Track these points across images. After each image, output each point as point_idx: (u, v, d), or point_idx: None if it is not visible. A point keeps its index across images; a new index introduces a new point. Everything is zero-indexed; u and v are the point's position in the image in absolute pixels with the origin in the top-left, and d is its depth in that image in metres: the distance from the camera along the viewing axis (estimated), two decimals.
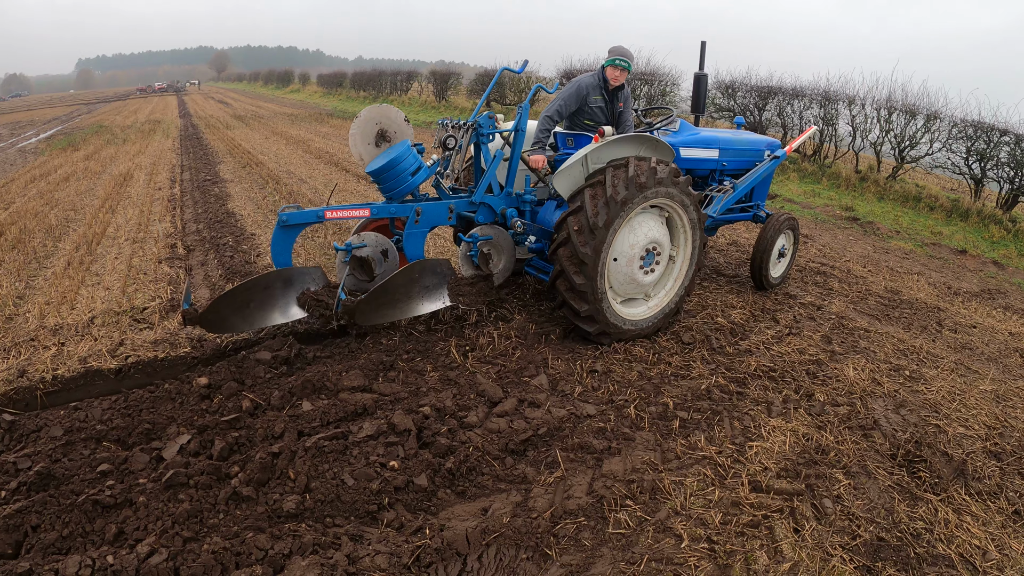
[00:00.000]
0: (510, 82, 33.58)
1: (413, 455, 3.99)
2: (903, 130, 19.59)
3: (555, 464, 4.11)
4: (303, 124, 29.33)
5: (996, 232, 17.00)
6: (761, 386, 5.67)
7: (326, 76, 62.59)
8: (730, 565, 3.43)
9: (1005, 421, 5.93)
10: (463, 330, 5.87)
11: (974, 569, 3.83)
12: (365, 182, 13.63)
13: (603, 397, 5.06)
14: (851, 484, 4.40)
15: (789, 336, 7.03)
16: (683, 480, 4.09)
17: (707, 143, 7.82)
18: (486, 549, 3.31)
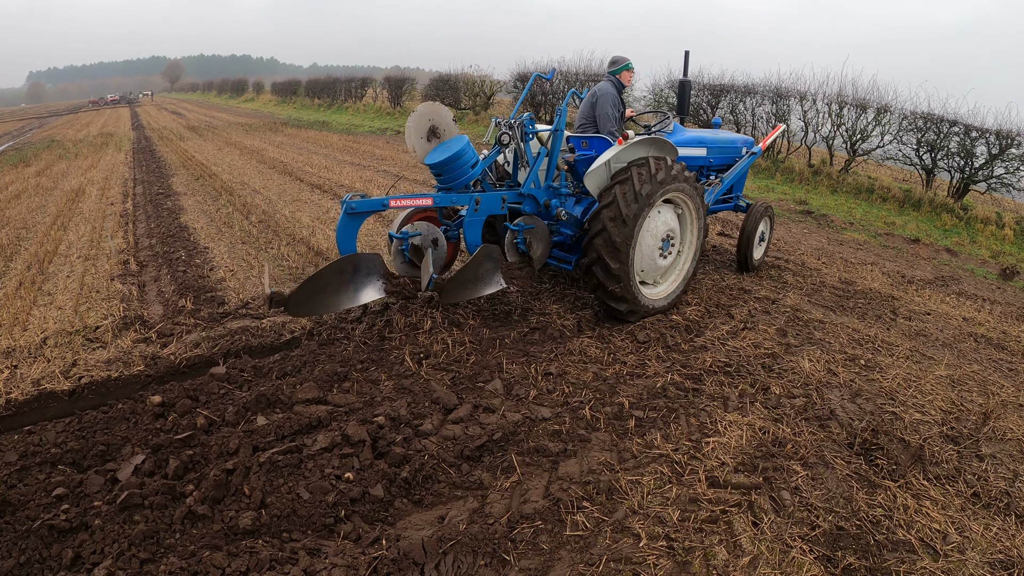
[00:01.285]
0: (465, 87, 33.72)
1: (368, 466, 3.96)
2: (854, 124, 20.04)
3: (511, 469, 4.10)
4: (257, 134, 29.15)
5: (948, 220, 17.30)
6: (717, 382, 5.69)
7: (280, 84, 62.21)
8: (689, 562, 3.43)
9: (961, 405, 6.02)
10: (417, 337, 5.83)
11: (935, 553, 3.88)
12: (320, 191, 13.58)
13: (558, 399, 5.05)
14: (809, 475, 4.43)
15: (744, 331, 7.06)
16: (640, 479, 4.09)
17: (697, 143, 8.60)
18: (443, 558, 3.28)
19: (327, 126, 35.39)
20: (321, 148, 22.74)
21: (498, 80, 33.23)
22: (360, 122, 36.56)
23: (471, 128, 30.99)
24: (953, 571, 3.74)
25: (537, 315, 6.72)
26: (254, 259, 8.45)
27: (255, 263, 8.27)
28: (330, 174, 15.78)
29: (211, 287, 7.39)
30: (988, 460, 5.09)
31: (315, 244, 8.91)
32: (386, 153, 21.58)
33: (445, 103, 34.43)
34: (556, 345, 6.05)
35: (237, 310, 6.67)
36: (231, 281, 7.53)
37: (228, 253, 8.74)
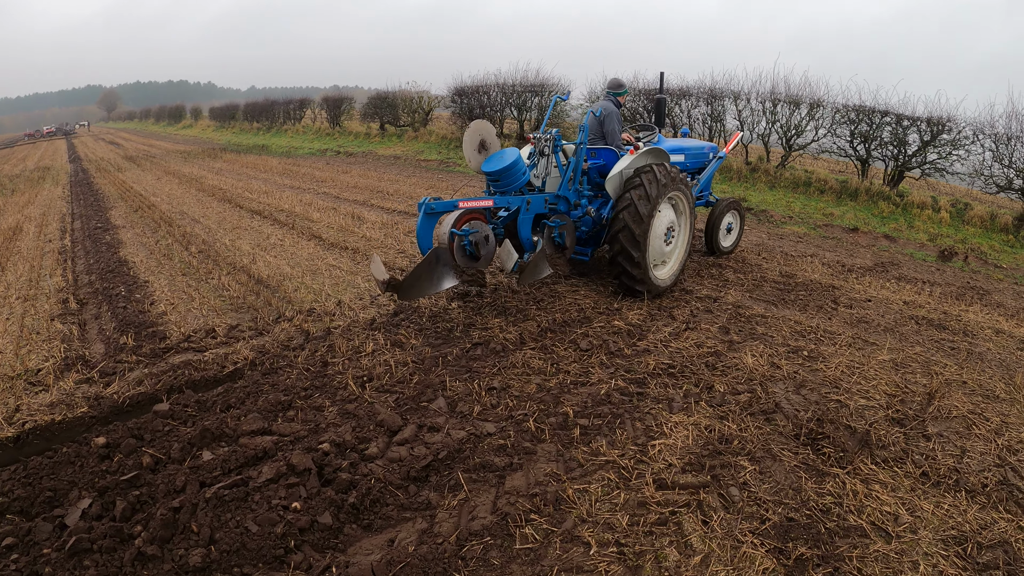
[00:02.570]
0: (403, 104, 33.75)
1: (316, 494, 3.93)
2: (788, 120, 20.35)
3: (458, 487, 4.07)
4: (196, 161, 28.87)
5: (885, 208, 17.59)
6: (661, 384, 5.73)
7: (218, 109, 61.56)
8: (641, 565, 3.45)
9: (905, 387, 6.15)
10: (360, 360, 5.81)
11: (887, 535, 3.93)
12: (260, 217, 13.47)
13: (502, 414, 5.04)
14: (757, 469, 4.48)
15: (686, 331, 7.12)
16: (587, 487, 4.09)
17: (677, 150, 10.11)
18: None
19: (267, 150, 35.20)
20: (261, 173, 22.60)
21: (436, 96, 33.25)
22: (300, 144, 36.38)
23: (411, 144, 30.99)
24: (907, 551, 3.79)
25: (479, 330, 6.71)
26: (195, 291, 8.36)
27: (196, 295, 8.18)
28: (270, 199, 15.67)
29: (152, 322, 7.31)
30: (935, 439, 5.21)
31: (256, 272, 8.84)
32: (325, 175, 21.53)
33: (383, 121, 34.39)
34: (499, 359, 6.04)
35: (179, 344, 6.58)
36: (172, 315, 7.44)
37: (168, 286, 8.64)
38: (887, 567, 3.65)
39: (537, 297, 8.02)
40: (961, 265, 13.92)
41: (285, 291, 7.84)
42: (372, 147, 32.31)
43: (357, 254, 9.81)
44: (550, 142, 8.19)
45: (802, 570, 3.54)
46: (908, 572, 3.62)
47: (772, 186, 18.48)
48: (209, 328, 6.74)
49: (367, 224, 12.30)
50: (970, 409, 5.85)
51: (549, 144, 8.21)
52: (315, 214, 13.16)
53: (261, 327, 6.73)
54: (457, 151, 27.99)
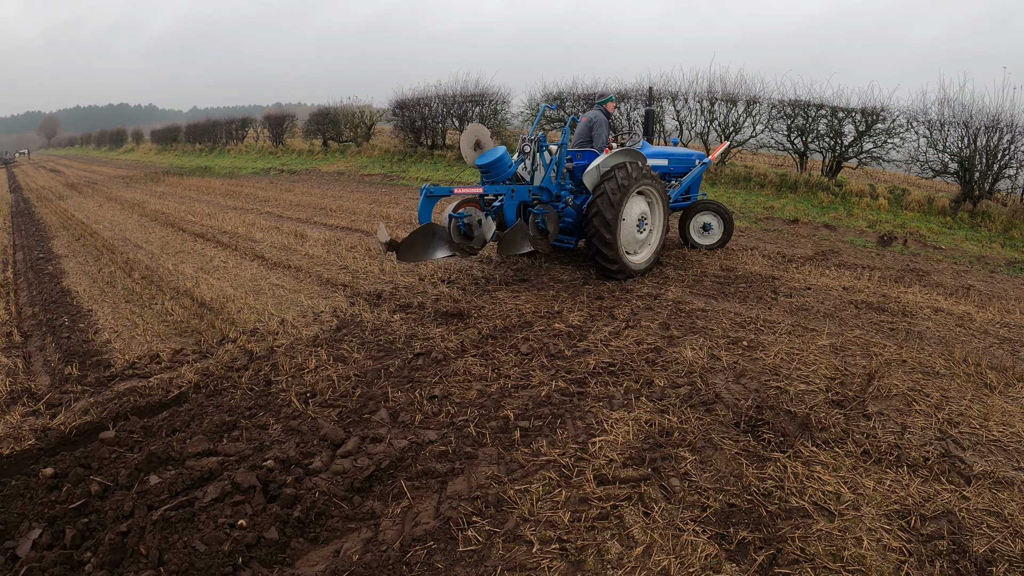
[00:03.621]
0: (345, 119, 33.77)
1: (261, 510, 3.94)
2: (726, 117, 20.67)
3: (401, 495, 4.10)
4: (138, 186, 28.57)
5: (825, 198, 17.92)
6: (601, 382, 5.77)
7: (160, 132, 60.86)
8: (583, 560, 3.49)
9: (845, 370, 6.29)
10: (303, 377, 5.81)
11: (830, 514, 3.99)
12: (203, 240, 13.36)
13: (444, 421, 5.06)
14: (697, 459, 4.53)
15: (627, 329, 7.20)
16: (529, 487, 4.13)
17: (661, 155, 11.42)
18: None
19: (209, 171, 34.91)
20: (203, 195, 22.41)
21: (378, 109, 33.26)
22: (243, 164, 36.18)
23: (354, 160, 30.94)
24: (850, 528, 3.85)
25: (421, 340, 6.74)
26: (138, 317, 8.29)
27: (139, 321, 8.12)
28: (213, 221, 15.56)
29: (96, 351, 7.25)
30: (875, 418, 5.31)
31: (199, 295, 8.78)
32: (269, 195, 21.43)
33: (326, 137, 34.31)
34: (440, 368, 6.05)
35: (123, 371, 6.53)
36: (116, 343, 7.38)
37: (112, 314, 8.56)
38: (830, 545, 3.71)
39: (478, 304, 8.07)
40: (901, 249, 14.18)
41: (228, 313, 7.81)
42: (315, 164, 32.26)
43: (300, 272, 9.80)
44: (535, 143, 9.82)
45: (744, 554, 3.59)
46: (852, 548, 3.68)
47: (713, 183, 18.77)
48: (153, 354, 6.70)
49: (310, 242, 12.31)
50: (910, 386, 5.97)
51: (535, 145, 9.84)
52: (258, 234, 13.12)
53: (205, 350, 6.70)
54: (400, 164, 28.09)
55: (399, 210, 17.12)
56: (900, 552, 3.69)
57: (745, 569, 3.47)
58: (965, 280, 11.53)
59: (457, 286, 8.98)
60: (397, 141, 31.18)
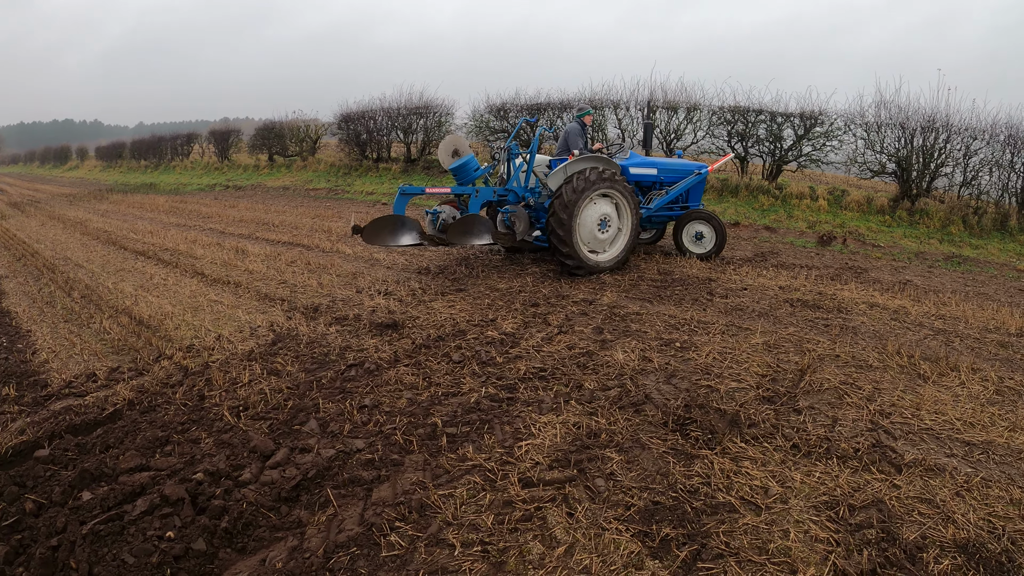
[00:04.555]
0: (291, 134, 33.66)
1: (190, 522, 3.96)
2: (667, 124, 20.92)
3: (327, 503, 4.13)
4: (82, 204, 28.20)
5: (766, 201, 18.22)
6: (531, 387, 5.80)
7: (104, 148, 59.91)
8: (504, 561, 3.53)
9: (777, 367, 6.40)
10: (236, 391, 5.81)
11: (757, 508, 4.04)
12: (144, 257, 13.25)
13: (372, 430, 5.08)
14: (624, 459, 4.56)
15: (560, 335, 7.25)
16: (453, 492, 4.16)
17: (649, 164, 12.09)
18: None
19: (154, 188, 34.59)
20: (147, 212, 22.22)
21: (323, 123, 33.24)
22: (188, 180, 35.86)
23: (300, 174, 30.87)
24: (777, 521, 3.90)
25: (355, 352, 6.75)
26: (76, 337, 8.23)
27: (77, 341, 8.06)
28: (155, 239, 15.44)
29: (34, 371, 7.20)
30: (806, 412, 5.40)
31: (137, 313, 8.73)
32: (212, 211, 21.27)
33: (272, 151, 34.18)
34: (372, 378, 6.07)
35: (60, 391, 6.49)
36: (54, 362, 7.33)
37: (51, 334, 8.48)
38: (756, 538, 3.74)
39: (414, 315, 8.10)
40: (840, 248, 14.49)
41: (166, 330, 7.79)
42: (261, 179, 32.09)
43: (239, 288, 9.78)
44: (506, 151, 11.09)
45: (667, 550, 3.62)
46: (778, 541, 3.72)
47: None
48: (90, 372, 6.67)
49: (250, 257, 12.27)
50: (842, 380, 6.09)
51: (505, 152, 11.10)
52: (199, 251, 13.06)
53: (141, 367, 6.68)
54: (346, 178, 28.12)
55: (341, 223, 17.11)
56: (827, 543, 3.73)
57: (668, 565, 3.49)
58: (903, 276, 11.80)
59: (394, 297, 9.00)
60: (343, 155, 31.20)
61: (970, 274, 12.99)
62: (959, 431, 5.17)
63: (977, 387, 6.07)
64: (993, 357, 7.02)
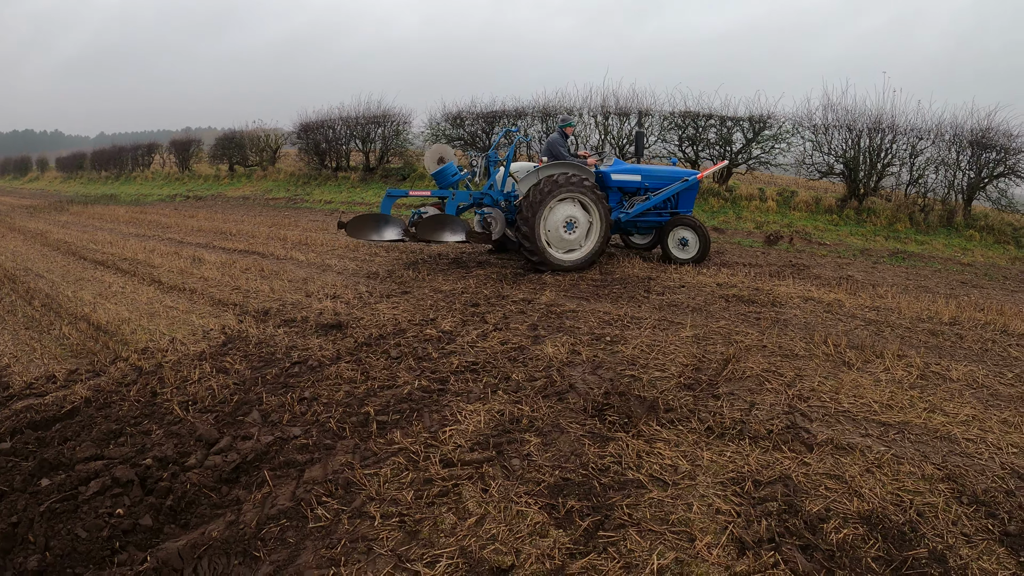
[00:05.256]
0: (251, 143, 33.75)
1: (139, 501, 4.27)
2: (619, 130, 21.26)
3: (263, 483, 4.41)
4: (42, 215, 28.09)
5: (716, 203, 18.69)
6: (462, 379, 6.08)
7: (65, 159, 59.07)
8: (419, 531, 3.80)
9: (703, 357, 6.69)
10: (187, 388, 6.10)
11: (664, 484, 4.25)
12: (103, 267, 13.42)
13: (310, 419, 5.32)
14: (541, 442, 4.82)
15: (495, 332, 7.52)
16: (379, 472, 4.43)
17: (632, 171, 12.53)
18: (199, 562, 3.65)
19: (115, 199, 34.39)
20: (107, 223, 22.26)
21: (283, 132, 33.33)
22: (149, 191, 35.77)
23: (260, 184, 30.99)
24: (682, 495, 4.11)
25: (300, 351, 7.01)
26: (37, 343, 8.45)
27: (38, 346, 8.29)
28: (114, 249, 15.58)
29: None
30: (724, 398, 5.66)
31: (96, 319, 8.97)
32: (172, 221, 21.39)
33: (232, 161, 34.23)
34: (314, 374, 6.31)
35: (21, 392, 6.73)
36: (15, 367, 7.55)
37: (12, 340, 8.70)
38: (659, 510, 3.95)
39: (358, 316, 8.32)
40: (786, 247, 14.85)
41: (122, 334, 8.03)
42: (221, 189, 32.13)
43: (194, 294, 10.01)
44: (485, 158, 12.39)
45: (570, 521, 3.86)
46: (680, 513, 3.93)
47: None
48: (50, 374, 6.91)
49: (206, 265, 12.46)
50: (765, 368, 6.37)
51: (484, 160, 12.39)
52: (157, 259, 13.24)
53: (98, 369, 6.94)
54: (305, 187, 28.34)
55: (297, 232, 17.30)
56: (729, 514, 3.92)
57: (571, 534, 3.71)
58: (845, 271, 12.20)
59: (341, 300, 9.22)
60: (302, 164, 31.32)
61: (913, 269, 13.43)
62: (876, 413, 5.43)
63: (901, 372, 6.35)
64: (922, 344, 7.34)
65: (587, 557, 3.54)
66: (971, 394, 5.95)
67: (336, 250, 14.25)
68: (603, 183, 12.25)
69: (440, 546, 3.69)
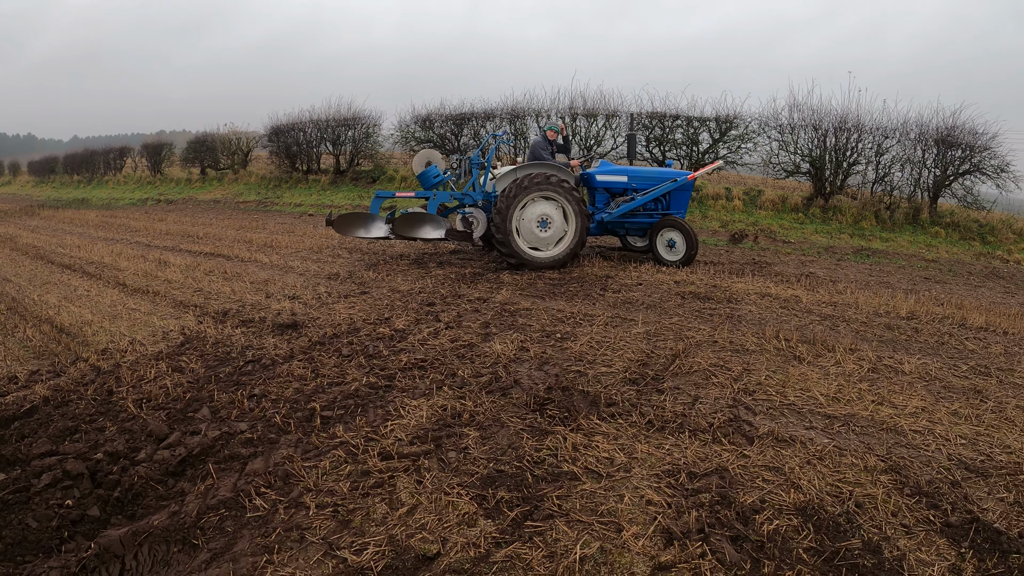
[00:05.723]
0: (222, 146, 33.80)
1: (88, 493, 4.43)
2: (587, 131, 21.46)
3: (208, 476, 4.56)
4: (12, 220, 28.00)
5: None
6: (409, 376, 6.21)
7: (37, 163, 58.66)
8: (351, 520, 3.96)
9: (652, 353, 6.81)
10: (142, 386, 6.23)
11: (598, 476, 4.35)
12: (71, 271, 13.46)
13: (257, 415, 5.44)
14: (480, 436, 4.93)
15: (447, 330, 7.65)
16: (318, 464, 4.58)
17: (618, 172, 12.84)
18: (140, 548, 3.81)
19: (86, 203, 34.40)
20: (77, 227, 22.28)
21: (254, 136, 33.38)
22: (120, 195, 35.74)
23: (231, 187, 31.02)
24: (615, 487, 4.21)
25: (255, 350, 7.12)
26: (1, 345, 8.56)
27: (1, 348, 8.37)
28: (82, 252, 15.62)
29: None
30: (669, 392, 5.77)
31: (59, 322, 9.06)
32: (141, 224, 21.47)
33: (204, 164, 34.24)
34: (266, 372, 6.44)
35: None
36: None
37: None
38: (590, 501, 4.05)
39: (314, 316, 8.44)
40: (751, 245, 15.07)
41: (85, 336, 8.13)
42: (193, 192, 32.17)
43: (157, 296, 10.11)
44: (466, 161, 13.17)
45: (499, 511, 3.97)
46: (611, 503, 4.02)
47: None
48: (12, 375, 6.99)
49: (171, 268, 12.56)
50: (713, 363, 6.49)
51: (466, 163, 13.16)
52: (123, 263, 13.32)
53: (59, 369, 7.03)
54: (276, 191, 28.52)
55: (264, 235, 17.44)
56: (660, 505, 4.00)
57: (499, 524, 3.82)
58: (808, 268, 12.45)
59: (300, 301, 9.34)
60: (273, 167, 31.44)
61: (877, 265, 13.68)
62: (822, 406, 5.55)
63: (852, 366, 6.51)
64: (876, 338, 7.50)
65: (511, 546, 3.65)
66: (923, 387, 6.08)
67: (300, 252, 14.39)
68: (589, 184, 12.78)
69: (370, 535, 3.83)
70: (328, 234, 16.94)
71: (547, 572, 3.45)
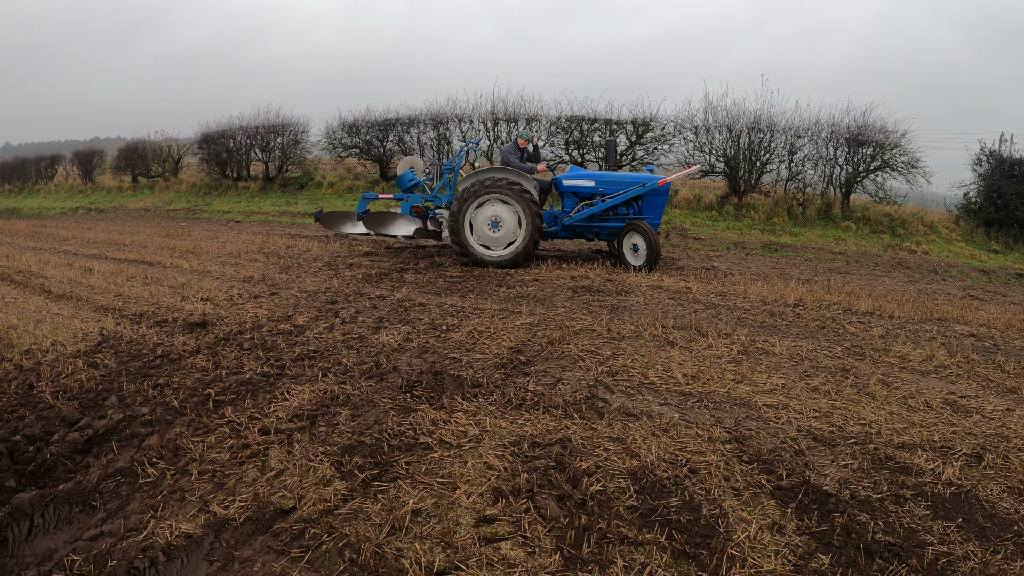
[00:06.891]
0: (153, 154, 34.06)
1: (6, 469, 5.03)
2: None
3: (110, 451, 5.19)
4: None
5: None
6: (300, 366, 6.70)
7: None
8: (225, 483, 4.55)
9: (528, 341, 7.26)
10: (60, 381, 6.74)
11: (450, 446, 4.80)
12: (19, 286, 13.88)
13: (159, 401, 6.00)
14: (351, 414, 5.40)
15: (343, 325, 8.20)
16: (205, 440, 5.17)
17: (586, 177, 13.30)
18: (46, 508, 4.47)
19: (17, 213, 34.32)
20: (6, 238, 22.25)
21: (185, 143, 33.58)
22: (51, 204, 35.61)
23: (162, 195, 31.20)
24: (462, 456, 4.65)
25: (164, 346, 7.61)
26: None
27: None
28: (9, 262, 15.67)
29: None
30: (534, 375, 6.20)
31: None
32: (70, 234, 21.67)
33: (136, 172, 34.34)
34: (172, 365, 6.94)
35: None
36: None
37: None
38: (436, 467, 4.52)
39: (223, 316, 8.90)
40: (662, 242, 15.53)
41: (10, 339, 8.45)
42: (124, 201, 32.26)
43: (80, 302, 10.47)
44: (439, 167, 14.76)
45: (352, 474, 4.46)
46: (455, 469, 4.47)
47: None
48: None
49: (95, 275, 12.85)
50: (585, 349, 6.91)
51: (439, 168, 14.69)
52: (50, 271, 13.58)
53: None
54: (205, 198, 28.92)
55: (188, 241, 17.75)
56: (498, 470, 4.44)
57: (350, 484, 4.34)
58: (712, 263, 13.24)
59: (212, 303, 9.74)
60: (203, 174, 31.77)
61: (785, 259, 14.39)
62: (680, 384, 5.96)
63: (723, 349, 7.03)
64: (756, 324, 8.08)
65: (355, 500, 4.16)
66: (790, 367, 6.60)
67: (220, 257, 14.73)
68: (557, 188, 13.44)
69: (239, 493, 4.46)
70: (248, 239, 17.42)
71: (382, 521, 3.93)
